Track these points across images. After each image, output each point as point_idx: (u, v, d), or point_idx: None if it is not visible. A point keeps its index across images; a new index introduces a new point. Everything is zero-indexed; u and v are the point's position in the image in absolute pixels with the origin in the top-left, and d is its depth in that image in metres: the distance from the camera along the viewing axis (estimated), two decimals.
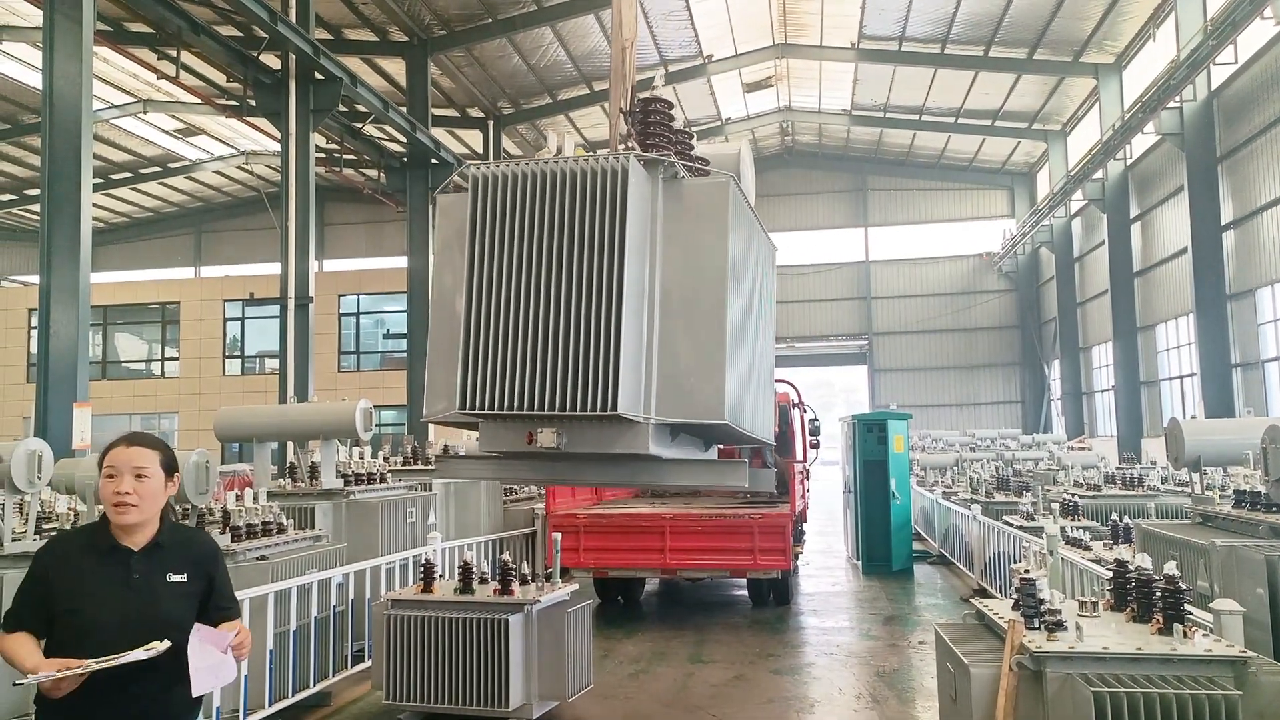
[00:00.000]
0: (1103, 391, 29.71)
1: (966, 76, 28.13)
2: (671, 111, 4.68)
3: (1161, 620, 3.60)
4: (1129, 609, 3.86)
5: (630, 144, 4.61)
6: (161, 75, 16.56)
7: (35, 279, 12.81)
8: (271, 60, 15.98)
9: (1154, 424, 24.24)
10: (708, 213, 4.47)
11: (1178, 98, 20.29)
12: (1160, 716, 3.16)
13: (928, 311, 37.80)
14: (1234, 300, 19.86)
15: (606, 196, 4.20)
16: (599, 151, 4.41)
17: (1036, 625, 3.63)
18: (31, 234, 34.81)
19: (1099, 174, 25.80)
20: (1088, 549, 7.10)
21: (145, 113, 26.87)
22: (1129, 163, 25.39)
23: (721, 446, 5.26)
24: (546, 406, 4.13)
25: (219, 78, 17.02)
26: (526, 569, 6.39)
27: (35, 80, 21.57)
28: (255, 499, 6.76)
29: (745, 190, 5.16)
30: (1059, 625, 3.57)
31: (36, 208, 19.99)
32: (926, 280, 38.12)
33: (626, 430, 4.24)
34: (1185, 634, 3.49)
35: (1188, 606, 3.67)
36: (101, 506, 2.74)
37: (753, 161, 5.51)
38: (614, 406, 4.03)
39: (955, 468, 17.75)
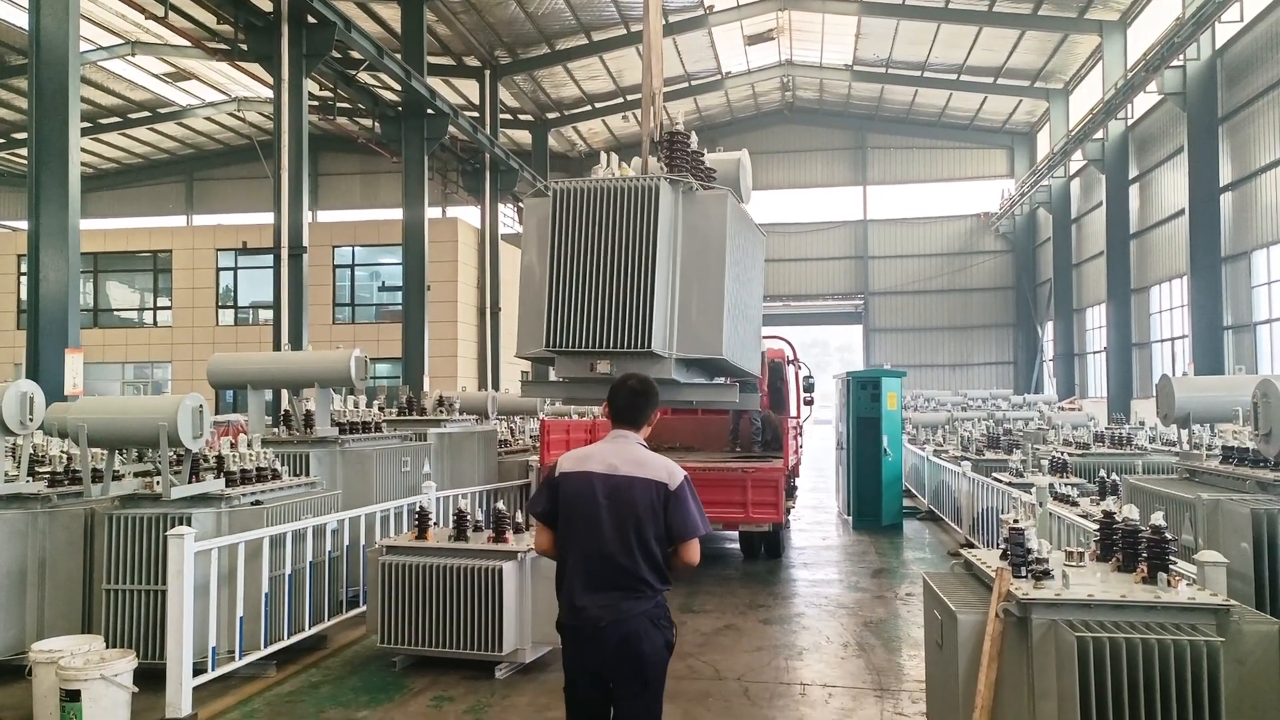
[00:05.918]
0: (1095, 353, 29.82)
1: (970, 32, 27.74)
2: (689, 141, 6.66)
3: (1146, 569, 3.65)
4: (1115, 559, 3.91)
5: (661, 164, 6.60)
6: (149, 15, 16.14)
7: (24, 224, 12.66)
8: (263, 2, 15.61)
9: (1144, 386, 24.38)
10: (713, 214, 6.43)
11: (1181, 56, 20.07)
12: (1143, 662, 3.22)
13: (924, 271, 37.73)
14: (1229, 262, 19.85)
15: (644, 205, 6.24)
16: (640, 176, 6.47)
17: (1024, 574, 3.67)
18: (20, 178, 34.35)
19: (1099, 134, 25.59)
20: (1075, 504, 7.18)
21: (133, 55, 26.33)
22: (1130, 123, 25.18)
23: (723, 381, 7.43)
24: (603, 345, 6.15)
25: (209, 19, 16.55)
26: (520, 518, 6.45)
27: (22, 20, 21.10)
28: (250, 445, 6.77)
29: (744, 188, 7.30)
30: (1046, 574, 3.61)
31: (24, 151, 19.64)
32: (923, 240, 37.98)
33: (657, 362, 6.19)
34: (1169, 583, 3.54)
35: (1172, 557, 3.72)
36: None
37: (750, 165, 7.56)
38: (649, 345, 6.09)
39: (946, 426, 17.86)
